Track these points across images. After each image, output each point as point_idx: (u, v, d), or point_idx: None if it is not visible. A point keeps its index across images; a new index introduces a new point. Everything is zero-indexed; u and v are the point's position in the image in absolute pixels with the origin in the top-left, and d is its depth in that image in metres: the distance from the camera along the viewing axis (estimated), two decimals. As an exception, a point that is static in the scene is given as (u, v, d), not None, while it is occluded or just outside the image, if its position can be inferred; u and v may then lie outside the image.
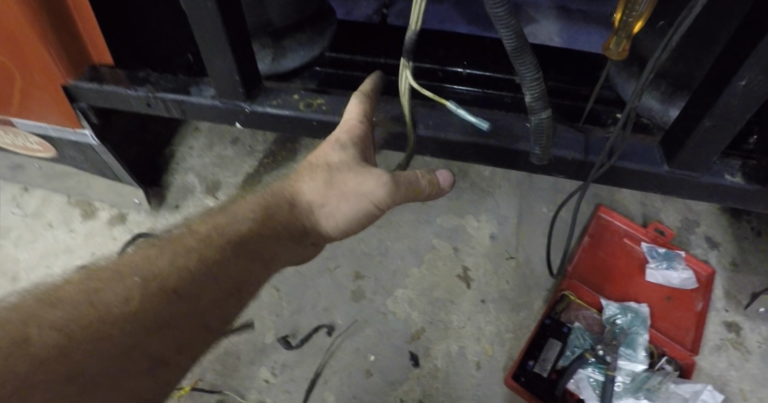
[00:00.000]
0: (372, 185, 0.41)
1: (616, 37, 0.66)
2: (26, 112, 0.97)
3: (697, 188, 0.74)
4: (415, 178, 0.45)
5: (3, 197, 1.29)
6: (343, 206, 0.40)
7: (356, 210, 0.40)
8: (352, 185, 0.41)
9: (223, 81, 0.76)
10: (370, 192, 0.40)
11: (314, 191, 0.41)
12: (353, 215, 0.41)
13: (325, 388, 0.94)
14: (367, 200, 0.40)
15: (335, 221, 0.40)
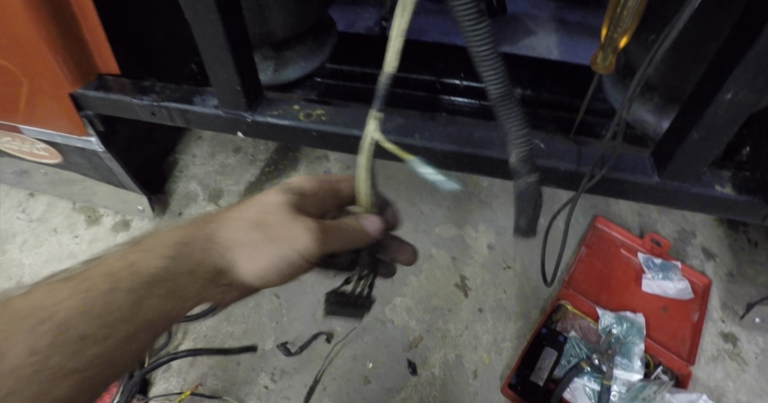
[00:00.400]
0: (298, 232, 0.38)
1: (603, 52, 0.68)
2: (33, 119, 1.00)
3: (688, 199, 0.76)
4: (346, 226, 0.42)
5: (9, 203, 1.30)
6: (266, 249, 0.38)
7: (279, 257, 0.38)
8: (278, 230, 0.38)
9: (226, 91, 0.78)
10: (295, 239, 0.38)
11: (239, 230, 0.38)
12: (275, 262, 0.38)
13: (323, 394, 0.95)
14: (291, 248, 0.38)
15: (254, 264, 0.38)
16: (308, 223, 0.39)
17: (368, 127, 0.43)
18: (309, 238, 0.38)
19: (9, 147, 1.16)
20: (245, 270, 0.38)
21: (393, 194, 1.27)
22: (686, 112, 0.69)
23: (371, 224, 0.44)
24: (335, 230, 0.41)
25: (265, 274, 0.38)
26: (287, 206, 0.39)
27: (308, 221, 0.39)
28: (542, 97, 1.07)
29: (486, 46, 0.40)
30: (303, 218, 0.39)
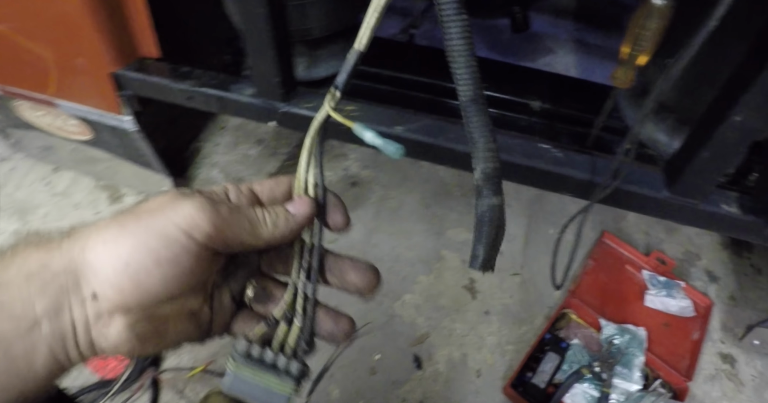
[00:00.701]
0: (181, 204, 0.30)
1: (623, 67, 0.72)
2: (72, 94, 1.03)
3: (695, 215, 0.79)
4: (254, 208, 0.34)
5: (33, 176, 1.34)
6: (131, 227, 0.29)
7: (152, 234, 0.28)
8: (155, 205, 0.30)
9: (264, 81, 0.82)
10: (176, 211, 0.29)
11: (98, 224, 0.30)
12: (146, 242, 0.28)
13: (330, 381, 0.97)
14: (168, 220, 0.29)
15: (116, 249, 0.28)
16: (197, 197, 0.31)
17: (324, 104, 0.39)
18: (196, 209, 0.29)
19: (41, 121, 1.20)
20: (103, 262, 0.28)
21: (407, 196, 1.30)
22: (698, 131, 0.73)
23: (297, 205, 0.35)
24: (238, 208, 0.33)
25: (135, 264, 0.28)
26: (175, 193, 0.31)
27: (198, 196, 0.31)
28: (560, 111, 1.11)
29: (461, 40, 0.36)
30: (192, 195, 0.31)
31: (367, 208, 1.27)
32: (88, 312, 0.28)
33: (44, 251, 0.29)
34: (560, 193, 0.81)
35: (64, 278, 0.28)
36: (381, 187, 1.32)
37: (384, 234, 1.22)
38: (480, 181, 0.39)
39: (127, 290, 0.28)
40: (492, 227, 0.40)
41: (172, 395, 0.95)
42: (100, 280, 0.28)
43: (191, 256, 0.29)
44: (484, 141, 0.39)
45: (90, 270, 0.28)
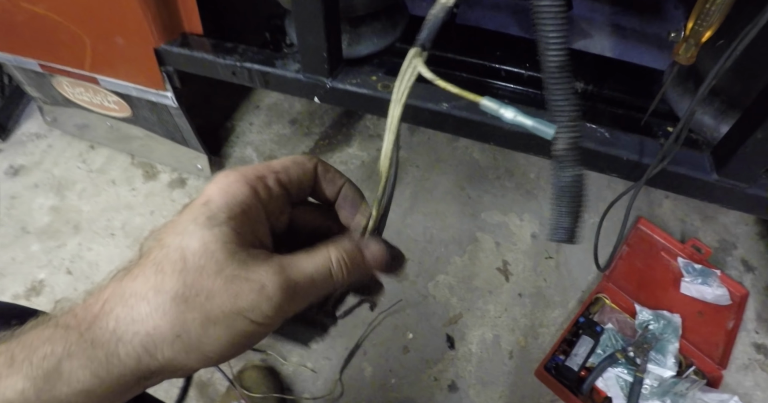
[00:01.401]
0: (252, 300, 0.27)
1: (686, 43, 0.70)
2: (114, 70, 1.04)
3: (742, 199, 0.77)
4: (324, 269, 0.30)
5: (70, 152, 1.36)
6: (210, 332, 0.26)
7: (230, 336, 0.27)
8: (220, 302, 0.26)
9: (311, 56, 0.81)
10: (250, 309, 0.27)
11: (157, 316, 0.26)
12: (226, 342, 0.27)
13: (363, 358, 0.98)
14: (244, 321, 0.27)
15: (201, 353, 0.27)
16: (264, 285, 0.27)
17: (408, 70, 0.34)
18: (270, 306, 0.27)
19: (80, 98, 1.22)
20: (192, 361, 0.27)
21: (442, 178, 1.30)
22: (753, 112, 0.71)
23: (374, 252, 0.32)
24: (310, 280, 0.29)
25: (220, 357, 0.27)
26: (224, 253, 0.27)
27: (262, 277, 0.27)
28: (603, 93, 1.09)
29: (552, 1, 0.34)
30: (250, 269, 0.27)
31: (402, 188, 1.27)
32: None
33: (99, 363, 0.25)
34: (606, 173, 0.80)
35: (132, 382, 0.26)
36: (415, 168, 1.31)
37: (419, 215, 1.22)
38: (563, 151, 0.37)
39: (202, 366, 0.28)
40: (577, 197, 0.38)
41: (207, 369, 0.97)
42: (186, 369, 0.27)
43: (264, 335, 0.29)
44: (570, 110, 0.36)
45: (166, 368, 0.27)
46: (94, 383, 0.24)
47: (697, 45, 0.69)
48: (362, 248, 0.32)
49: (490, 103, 0.32)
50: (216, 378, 0.96)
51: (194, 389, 0.95)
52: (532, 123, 0.32)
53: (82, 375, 0.24)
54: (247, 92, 1.48)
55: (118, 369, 0.25)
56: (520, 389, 0.97)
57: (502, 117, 0.32)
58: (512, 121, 0.33)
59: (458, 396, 0.96)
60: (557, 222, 0.38)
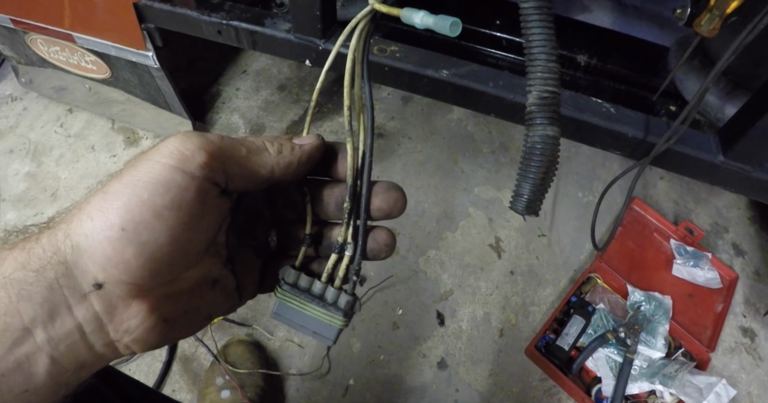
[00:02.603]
0: (161, 143, 0.25)
1: (710, 14, 0.66)
2: (91, 27, 0.98)
3: (747, 182, 0.75)
4: (254, 139, 0.30)
5: (47, 116, 1.30)
6: (112, 186, 0.24)
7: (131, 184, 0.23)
8: (129, 164, 0.25)
9: (303, 15, 0.76)
10: (157, 151, 0.25)
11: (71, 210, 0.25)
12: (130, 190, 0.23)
13: (352, 334, 0.96)
14: (154, 164, 0.24)
15: (105, 217, 0.23)
16: (181, 133, 0.26)
17: None
18: (181, 141, 0.25)
19: (56, 58, 1.15)
20: (95, 238, 0.23)
21: (435, 150, 1.26)
22: (764, 92, 0.68)
23: (303, 139, 0.32)
24: (231, 137, 0.28)
25: (132, 224, 0.23)
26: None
27: (183, 132, 0.27)
28: (606, 68, 1.05)
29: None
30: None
31: (394, 160, 1.23)
32: (95, 307, 0.24)
33: (19, 249, 0.23)
34: (608, 150, 0.77)
35: (51, 273, 0.23)
36: (408, 139, 1.27)
37: (410, 188, 1.18)
38: (534, 106, 0.33)
39: (134, 262, 0.23)
40: (543, 162, 0.34)
41: (191, 343, 0.94)
42: (99, 262, 0.23)
43: (193, 194, 0.25)
44: (545, 58, 0.33)
45: (83, 255, 0.23)
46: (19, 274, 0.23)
47: (722, 16, 0.65)
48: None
49: (405, 12, 0.31)
50: (200, 353, 0.93)
51: (178, 364, 0.92)
52: (432, 20, 0.30)
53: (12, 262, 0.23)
54: (234, 55, 1.41)
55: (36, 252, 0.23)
56: (510, 367, 0.95)
57: (414, 24, 0.31)
58: (421, 25, 0.31)
59: (447, 373, 0.94)
60: (519, 189, 0.34)
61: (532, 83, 0.33)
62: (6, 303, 0.22)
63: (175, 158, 0.24)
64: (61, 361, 0.24)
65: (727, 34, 0.70)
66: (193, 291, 0.28)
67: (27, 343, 0.22)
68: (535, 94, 0.33)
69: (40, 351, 0.23)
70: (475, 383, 0.94)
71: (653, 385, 0.93)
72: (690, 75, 1.03)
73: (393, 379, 0.93)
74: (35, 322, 0.23)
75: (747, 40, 0.61)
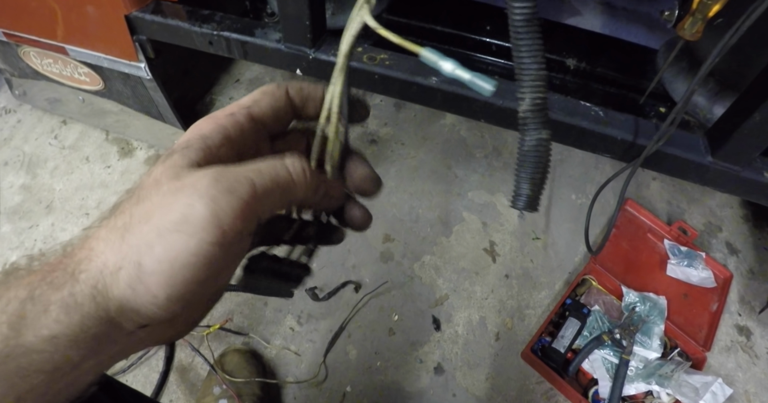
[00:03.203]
0: (183, 205, 0.23)
1: (692, 18, 0.67)
2: (83, 40, 0.98)
3: (736, 182, 0.76)
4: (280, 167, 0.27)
5: (41, 128, 1.30)
6: (148, 258, 0.23)
7: (170, 259, 0.23)
8: (156, 217, 0.24)
9: (293, 25, 0.77)
10: (184, 219, 0.23)
11: (107, 251, 0.24)
12: (168, 268, 0.23)
13: (348, 341, 0.96)
14: (181, 237, 0.23)
15: (146, 288, 0.23)
16: (196, 185, 0.24)
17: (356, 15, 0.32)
18: (206, 210, 0.23)
19: (49, 70, 1.15)
20: (142, 301, 0.24)
21: (428, 156, 1.27)
22: (751, 93, 0.69)
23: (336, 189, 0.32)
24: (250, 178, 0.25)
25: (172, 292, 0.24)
26: (164, 175, 0.25)
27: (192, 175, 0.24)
28: (595, 71, 1.06)
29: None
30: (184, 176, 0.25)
31: (387, 166, 1.23)
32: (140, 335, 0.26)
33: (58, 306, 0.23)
34: (599, 153, 0.78)
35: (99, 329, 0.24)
36: (401, 145, 1.28)
37: (404, 194, 1.19)
38: (528, 112, 0.36)
39: (179, 312, 0.25)
40: (539, 163, 0.37)
41: (188, 352, 0.94)
42: (146, 316, 0.24)
43: (233, 257, 0.26)
44: (537, 68, 0.35)
45: (129, 313, 0.24)
46: (57, 328, 0.23)
47: (704, 19, 0.66)
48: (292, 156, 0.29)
49: (429, 55, 0.30)
50: (197, 362, 0.93)
51: (175, 374, 0.92)
52: (469, 77, 0.29)
53: (45, 319, 0.23)
54: (226, 65, 1.42)
55: (76, 311, 0.23)
56: (507, 371, 0.96)
57: (441, 69, 0.30)
58: (451, 75, 0.30)
59: (444, 378, 0.95)
60: (518, 189, 0.37)
61: (525, 91, 0.35)
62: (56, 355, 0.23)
63: (213, 233, 0.23)
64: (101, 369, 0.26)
65: (713, 36, 0.71)
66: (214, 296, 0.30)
67: (74, 373, 0.24)
68: (528, 101, 0.35)
69: (87, 373, 0.25)
70: (472, 387, 0.94)
71: (650, 385, 0.93)
72: (678, 77, 1.04)
73: (390, 385, 0.93)
74: (84, 358, 0.24)
75: (732, 41, 0.62)
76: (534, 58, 0.34)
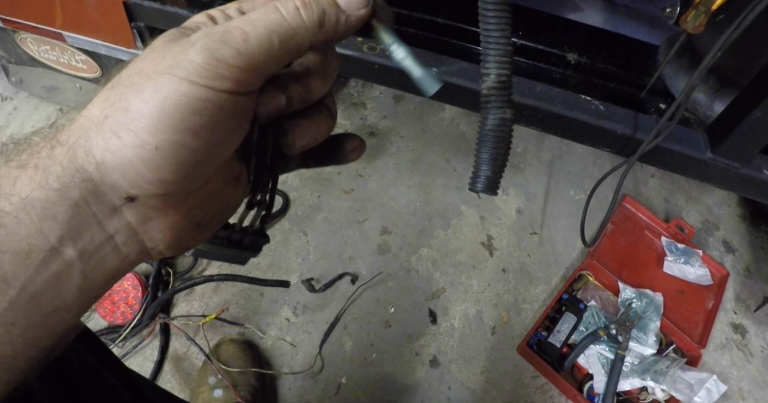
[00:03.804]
0: (176, 52, 0.22)
1: (696, 10, 0.67)
2: (81, 26, 0.97)
3: (735, 179, 0.76)
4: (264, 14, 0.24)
5: (37, 116, 1.29)
6: (136, 102, 0.22)
7: (160, 102, 0.22)
8: (147, 67, 0.23)
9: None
10: (176, 63, 0.22)
11: (92, 106, 0.23)
12: (158, 111, 0.22)
13: (344, 332, 0.96)
14: (174, 78, 0.22)
15: (134, 134, 0.22)
16: (195, 35, 0.23)
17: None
18: (207, 56, 0.22)
19: (46, 57, 1.14)
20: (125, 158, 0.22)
21: (427, 149, 1.26)
22: (751, 90, 0.69)
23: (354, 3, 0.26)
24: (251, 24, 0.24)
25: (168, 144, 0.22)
26: (169, 35, 0.24)
27: (195, 34, 0.23)
28: (596, 65, 1.06)
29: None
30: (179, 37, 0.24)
31: (386, 159, 1.23)
32: (128, 219, 0.23)
33: (32, 167, 0.22)
34: (598, 147, 0.78)
35: (75, 192, 0.22)
36: (400, 138, 1.27)
37: (402, 186, 1.18)
38: (491, 90, 0.34)
39: (170, 178, 0.22)
40: (501, 144, 0.35)
41: (183, 342, 0.94)
42: (131, 178, 0.22)
43: (231, 112, 0.23)
44: (504, 43, 0.33)
45: (111, 173, 0.22)
46: (28, 189, 0.21)
47: (707, 12, 0.65)
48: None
49: (386, 36, 0.28)
50: (192, 352, 0.93)
51: (169, 364, 0.92)
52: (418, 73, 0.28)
53: (18, 184, 0.21)
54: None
55: (53, 171, 0.22)
56: (502, 364, 0.96)
57: (390, 54, 0.28)
58: (399, 64, 0.29)
59: (440, 371, 0.94)
60: (478, 170, 0.35)
61: (489, 67, 0.34)
62: (28, 224, 0.21)
63: (205, 76, 0.22)
64: (92, 275, 0.23)
65: (714, 32, 0.71)
66: (222, 190, 0.27)
67: (56, 262, 0.22)
68: (493, 77, 0.34)
69: (71, 268, 0.22)
70: (467, 380, 0.94)
71: (645, 381, 0.93)
72: (679, 73, 1.03)
73: (385, 377, 0.93)
74: (63, 240, 0.22)
75: (733, 36, 0.62)
76: (501, 32, 0.33)
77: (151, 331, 0.93)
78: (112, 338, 0.91)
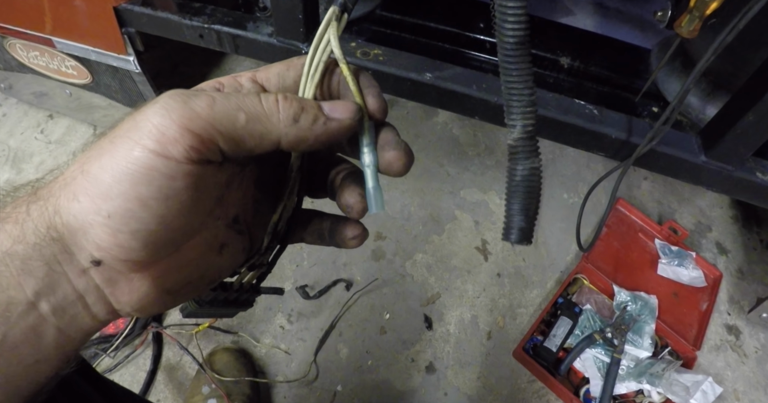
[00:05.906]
0: (140, 115, 0.22)
1: (690, 15, 0.67)
2: (70, 32, 0.96)
3: (729, 182, 0.76)
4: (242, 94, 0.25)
5: (27, 122, 1.27)
6: (93, 165, 0.22)
7: (113, 166, 0.21)
8: (117, 128, 0.23)
9: (286, 19, 0.76)
10: (134, 125, 0.22)
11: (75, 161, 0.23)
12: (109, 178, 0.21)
13: (339, 339, 0.95)
14: (128, 142, 0.22)
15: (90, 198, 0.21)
16: (163, 98, 0.23)
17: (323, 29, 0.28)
18: (160, 115, 0.22)
19: (36, 63, 1.13)
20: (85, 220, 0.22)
21: (421, 154, 1.26)
22: (745, 92, 0.69)
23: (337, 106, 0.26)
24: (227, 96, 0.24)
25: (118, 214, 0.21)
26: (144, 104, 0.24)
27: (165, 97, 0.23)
28: (590, 70, 1.06)
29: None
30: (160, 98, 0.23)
31: (379, 165, 1.23)
32: (96, 281, 0.23)
33: (12, 222, 0.22)
34: (592, 151, 0.77)
35: (48, 250, 0.22)
36: (393, 144, 1.27)
37: (396, 191, 1.18)
38: (518, 141, 0.34)
39: (128, 245, 0.22)
40: (532, 194, 0.35)
41: (176, 351, 0.93)
42: (94, 242, 0.22)
43: (182, 183, 0.22)
44: (529, 93, 0.34)
45: (76, 234, 0.22)
46: (8, 243, 0.22)
47: (701, 17, 0.65)
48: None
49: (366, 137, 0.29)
50: (185, 361, 0.92)
51: (162, 373, 0.91)
52: (371, 185, 0.29)
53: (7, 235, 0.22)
54: (217, 59, 1.40)
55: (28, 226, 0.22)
56: (498, 369, 0.95)
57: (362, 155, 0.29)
58: (363, 166, 0.29)
59: (436, 377, 0.94)
60: (510, 221, 0.35)
61: (515, 118, 0.34)
62: (8, 277, 0.22)
63: (155, 140, 0.21)
64: (66, 330, 0.23)
65: (707, 36, 0.71)
66: (202, 258, 0.27)
67: (33, 315, 0.22)
68: (519, 128, 0.34)
69: (46, 322, 0.23)
70: (463, 386, 0.93)
71: (641, 384, 0.93)
72: (672, 77, 1.04)
73: (381, 384, 0.92)
74: (39, 295, 0.22)
75: (726, 41, 0.62)
76: (525, 83, 0.33)
77: (144, 340, 0.92)
78: (104, 347, 0.90)
